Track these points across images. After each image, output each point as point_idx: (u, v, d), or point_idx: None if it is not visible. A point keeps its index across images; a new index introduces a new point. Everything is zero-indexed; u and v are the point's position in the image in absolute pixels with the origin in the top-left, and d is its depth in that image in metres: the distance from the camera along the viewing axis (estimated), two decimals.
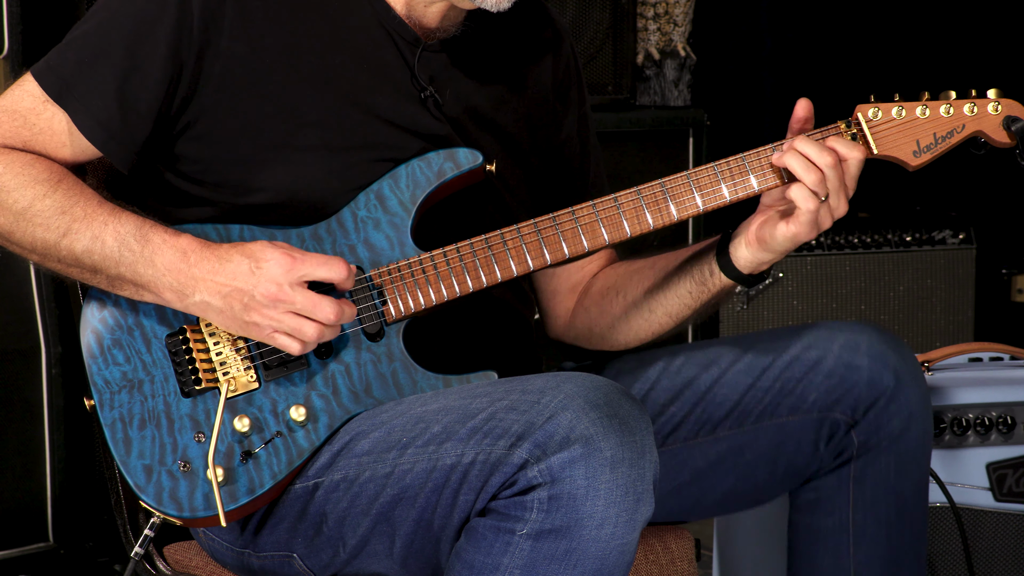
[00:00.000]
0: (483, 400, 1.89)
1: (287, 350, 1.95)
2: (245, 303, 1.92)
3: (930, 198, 4.32)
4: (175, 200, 2.07)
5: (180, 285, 1.94)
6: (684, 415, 2.19)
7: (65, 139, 2.01)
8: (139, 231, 1.95)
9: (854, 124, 2.06)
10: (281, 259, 1.92)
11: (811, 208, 2.00)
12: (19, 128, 2.00)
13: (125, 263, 1.95)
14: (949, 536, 2.62)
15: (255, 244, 1.94)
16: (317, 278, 1.93)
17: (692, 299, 2.15)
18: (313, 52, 2.04)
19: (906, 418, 2.13)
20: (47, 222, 1.96)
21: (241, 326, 1.94)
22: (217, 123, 2.02)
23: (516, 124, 2.19)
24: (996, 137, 2.08)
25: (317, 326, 1.93)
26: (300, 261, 1.92)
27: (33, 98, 2.00)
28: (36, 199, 1.96)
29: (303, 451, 1.98)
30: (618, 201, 2.05)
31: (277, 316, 1.92)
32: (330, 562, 2.01)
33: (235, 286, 1.92)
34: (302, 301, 1.92)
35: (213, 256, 1.93)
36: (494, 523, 1.84)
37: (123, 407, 1.98)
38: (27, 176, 1.97)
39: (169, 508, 1.96)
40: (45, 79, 2.00)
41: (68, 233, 1.95)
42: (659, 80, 3.97)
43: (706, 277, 2.12)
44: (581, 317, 2.29)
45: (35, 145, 2.01)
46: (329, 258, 1.94)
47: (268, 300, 1.92)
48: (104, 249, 1.95)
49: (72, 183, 1.98)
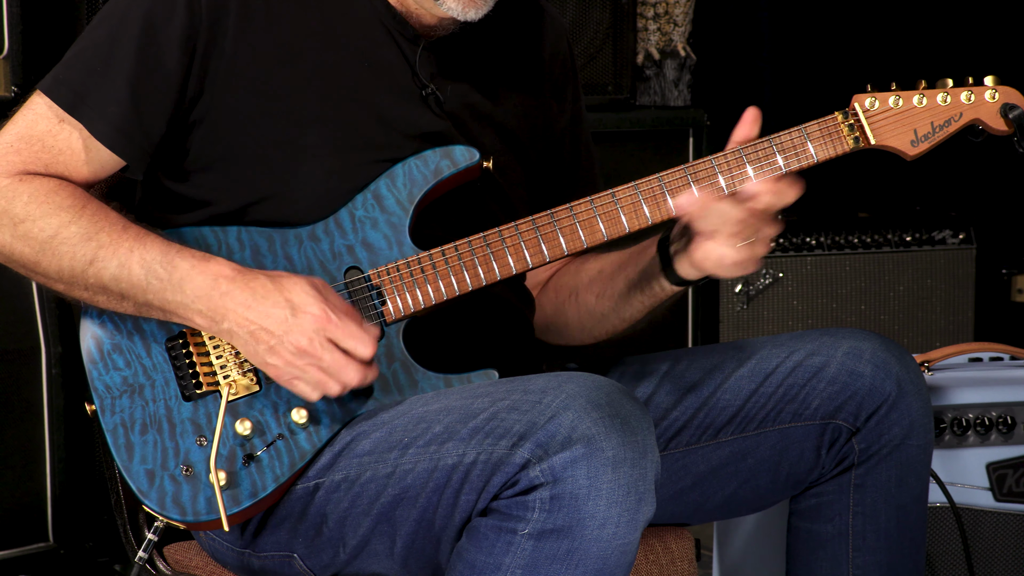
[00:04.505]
0: (485, 400, 1.89)
1: (302, 396, 1.94)
2: (271, 346, 1.92)
3: (930, 198, 4.32)
4: (173, 198, 2.07)
5: (211, 312, 1.93)
6: (687, 420, 2.19)
7: (83, 156, 2.00)
8: (164, 257, 1.94)
9: (851, 114, 2.06)
10: (319, 316, 1.90)
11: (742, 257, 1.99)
12: (39, 152, 1.99)
13: (152, 291, 1.94)
14: (949, 536, 2.62)
15: (295, 286, 1.92)
16: (345, 348, 1.92)
17: (644, 306, 2.16)
18: (314, 51, 2.04)
19: (907, 426, 2.13)
20: (73, 250, 1.95)
21: (261, 363, 1.94)
22: (220, 121, 2.02)
23: (516, 120, 2.19)
24: (994, 125, 2.07)
25: (341, 387, 1.93)
26: (335, 324, 1.91)
27: (47, 120, 1.99)
28: (62, 227, 1.95)
29: (305, 453, 1.98)
30: (616, 196, 2.05)
31: (301, 366, 1.92)
32: (331, 562, 2.01)
33: (265, 327, 1.91)
34: (329, 361, 1.91)
35: (247, 288, 1.92)
36: (496, 523, 1.84)
37: (124, 412, 1.98)
38: (52, 204, 1.96)
39: (172, 512, 1.95)
40: (56, 93, 1.98)
41: (95, 261, 1.94)
42: (659, 80, 3.97)
43: (655, 290, 2.12)
44: (538, 314, 2.29)
45: (56, 167, 2.00)
46: (360, 332, 1.92)
47: (296, 351, 1.91)
48: (131, 277, 1.94)
49: (96, 208, 1.97)
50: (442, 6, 2.04)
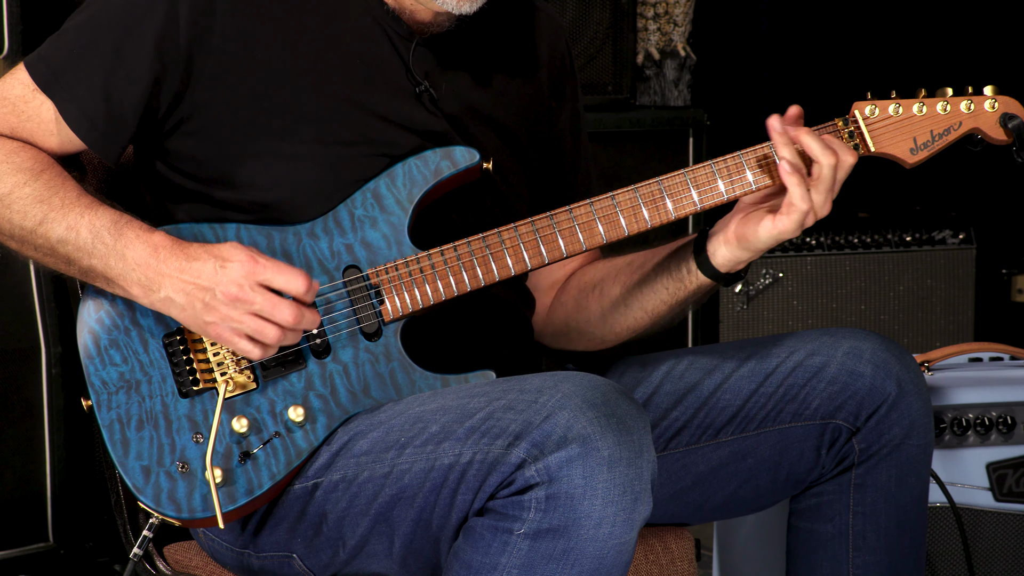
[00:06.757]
0: (481, 400, 1.89)
1: (246, 355, 1.94)
2: (206, 302, 1.92)
3: (930, 198, 4.32)
4: (172, 196, 2.08)
5: (147, 280, 1.94)
6: (687, 420, 2.19)
7: (52, 128, 2.02)
8: (114, 225, 1.96)
9: (851, 122, 2.06)
10: (245, 261, 1.92)
11: (804, 208, 1.99)
12: (7, 115, 2.02)
13: (97, 255, 1.95)
14: (949, 536, 2.62)
15: (225, 245, 1.94)
16: (276, 286, 1.92)
17: (669, 296, 2.15)
18: (307, 48, 2.04)
19: (907, 426, 2.13)
20: (25, 209, 1.97)
21: (201, 326, 1.94)
22: (211, 119, 2.02)
23: (513, 118, 2.19)
24: (993, 134, 2.08)
25: (278, 329, 1.92)
26: (262, 265, 1.92)
27: (23, 86, 2.01)
28: (16, 186, 1.97)
29: (301, 452, 1.98)
30: (616, 199, 2.04)
31: (237, 316, 1.92)
32: (329, 562, 2.01)
33: (198, 283, 1.92)
34: (261, 302, 1.91)
35: (183, 254, 1.94)
36: (492, 523, 1.84)
37: (120, 408, 1.98)
38: (11, 164, 1.99)
39: (168, 509, 1.95)
40: (35, 68, 2.01)
41: (44, 222, 1.96)
42: (659, 80, 3.97)
43: (683, 275, 2.12)
44: (558, 312, 2.29)
45: (22, 132, 2.02)
46: (291, 268, 1.93)
47: (228, 299, 1.92)
48: (78, 240, 1.96)
49: (55, 173, 1.99)
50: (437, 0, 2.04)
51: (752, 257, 2.06)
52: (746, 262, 2.08)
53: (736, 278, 2.11)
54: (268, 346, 1.94)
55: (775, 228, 2.01)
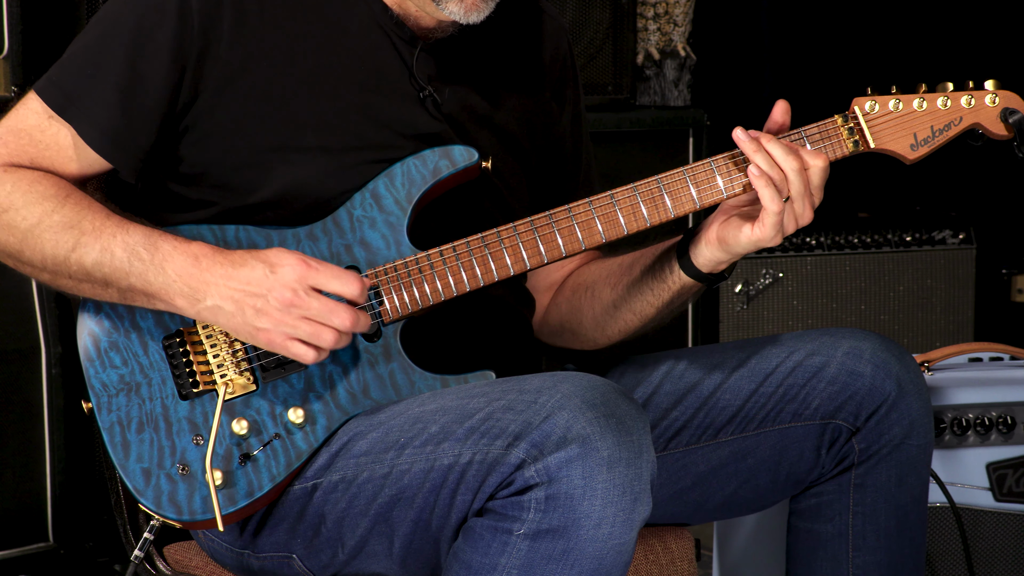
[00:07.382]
0: (480, 400, 1.89)
1: (301, 359, 1.92)
2: (258, 308, 1.91)
3: (930, 198, 4.32)
4: (173, 205, 2.07)
5: (191, 290, 1.92)
6: (687, 420, 2.19)
7: (72, 153, 2.00)
8: (148, 240, 1.94)
9: (850, 118, 2.06)
10: (297, 265, 1.90)
11: (776, 210, 1.98)
12: (25, 146, 2.00)
13: (135, 273, 1.93)
14: (949, 536, 2.62)
15: (270, 250, 1.92)
16: (331, 290, 1.91)
17: (654, 297, 2.15)
18: (310, 53, 2.04)
19: (907, 426, 2.13)
20: (56, 237, 1.95)
21: (251, 332, 1.92)
22: (215, 126, 2.02)
23: (515, 121, 2.19)
24: (993, 129, 2.07)
25: (335, 332, 1.91)
26: (315, 269, 1.90)
27: (37, 115, 2.00)
28: (44, 215, 1.96)
29: (301, 453, 1.98)
30: (615, 198, 2.04)
31: (291, 322, 1.90)
32: (329, 563, 2.01)
33: (248, 290, 1.91)
34: (318, 307, 1.90)
35: (227, 261, 1.92)
36: (491, 523, 1.84)
37: (121, 410, 1.98)
38: (35, 193, 1.97)
39: (168, 511, 1.95)
40: (48, 94, 1.99)
41: (77, 247, 1.95)
42: (659, 80, 3.97)
43: (667, 276, 2.12)
44: (553, 313, 2.29)
45: (42, 162, 2.00)
46: (344, 272, 1.92)
47: (282, 305, 1.90)
48: (114, 261, 1.94)
49: (80, 197, 1.97)
50: (444, 10, 2.04)
51: (732, 259, 2.07)
52: (727, 263, 2.08)
53: (719, 278, 2.11)
54: (323, 350, 1.93)
55: (753, 233, 2.01)
